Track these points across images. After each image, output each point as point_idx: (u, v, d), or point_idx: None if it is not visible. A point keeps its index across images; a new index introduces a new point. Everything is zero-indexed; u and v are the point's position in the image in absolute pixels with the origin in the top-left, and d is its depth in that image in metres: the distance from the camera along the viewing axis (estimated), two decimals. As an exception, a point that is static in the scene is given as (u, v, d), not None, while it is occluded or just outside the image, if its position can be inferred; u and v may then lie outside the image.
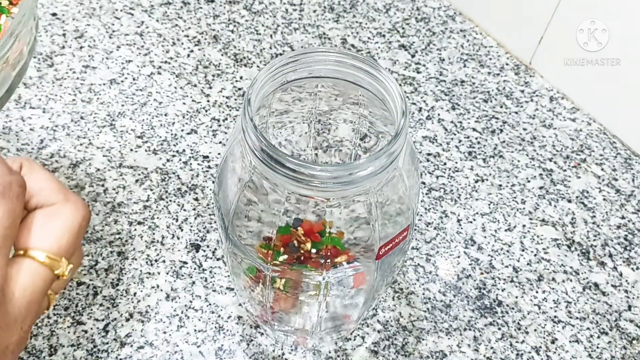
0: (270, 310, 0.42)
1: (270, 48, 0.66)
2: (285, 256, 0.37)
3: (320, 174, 0.30)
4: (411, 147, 0.37)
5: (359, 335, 0.47)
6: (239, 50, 0.65)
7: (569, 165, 0.58)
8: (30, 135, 0.56)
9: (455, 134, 0.60)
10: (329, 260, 0.37)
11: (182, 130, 0.58)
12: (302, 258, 0.37)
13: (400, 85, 0.63)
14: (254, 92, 0.33)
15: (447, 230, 0.53)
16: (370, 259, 0.36)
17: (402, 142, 0.32)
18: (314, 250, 0.37)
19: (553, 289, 0.50)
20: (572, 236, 0.53)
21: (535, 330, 0.48)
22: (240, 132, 0.33)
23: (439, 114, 0.61)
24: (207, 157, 0.56)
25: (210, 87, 0.62)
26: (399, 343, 0.46)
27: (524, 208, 0.55)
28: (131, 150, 0.56)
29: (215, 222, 0.52)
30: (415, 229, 0.53)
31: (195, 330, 0.46)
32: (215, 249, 0.51)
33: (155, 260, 0.50)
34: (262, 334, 0.46)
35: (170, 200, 0.53)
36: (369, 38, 0.68)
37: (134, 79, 0.62)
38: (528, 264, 0.51)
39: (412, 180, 0.36)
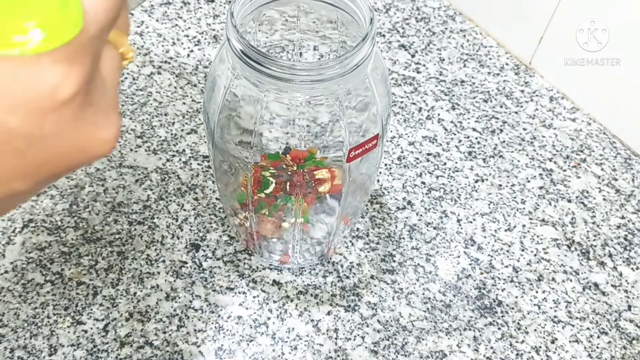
0: (256, 234, 0.47)
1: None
2: (273, 186, 0.42)
3: (293, 69, 0.34)
4: (383, 68, 0.40)
5: (358, 335, 0.47)
6: (239, 50, 0.65)
7: (569, 165, 0.58)
8: (30, 135, 0.56)
9: (455, 134, 0.60)
10: (312, 182, 0.42)
11: (182, 130, 0.58)
12: (287, 188, 0.42)
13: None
14: (237, 6, 0.37)
15: (447, 230, 0.53)
16: (343, 163, 0.40)
17: (368, 47, 0.35)
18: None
19: (553, 289, 0.50)
20: (572, 236, 0.53)
21: (535, 330, 0.48)
22: (225, 45, 0.37)
23: (439, 114, 0.61)
24: (207, 157, 0.56)
25: (210, 87, 0.62)
26: (399, 343, 0.46)
27: (524, 208, 0.55)
28: (131, 150, 0.56)
29: (214, 222, 0.52)
30: (415, 229, 0.53)
31: (195, 330, 0.46)
32: (215, 248, 0.51)
33: (155, 260, 0.50)
34: (251, 253, 0.50)
35: (170, 200, 0.53)
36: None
37: (134, 79, 0.62)
38: (528, 264, 0.51)
39: (383, 97, 0.40)
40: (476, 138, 0.60)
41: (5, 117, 0.18)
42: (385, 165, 0.57)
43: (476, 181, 0.56)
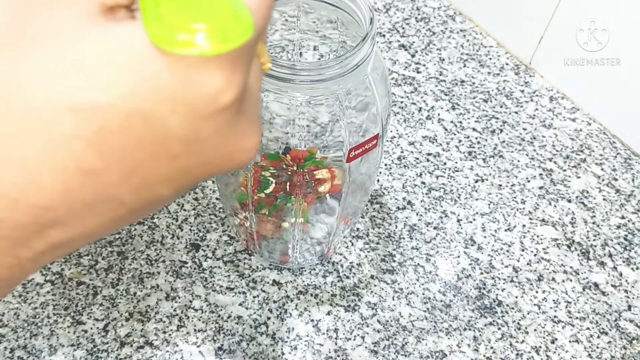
0: (256, 234, 0.47)
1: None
2: (273, 186, 0.42)
3: (293, 69, 0.34)
4: (383, 68, 0.40)
5: (359, 335, 0.47)
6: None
7: (569, 165, 0.58)
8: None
9: (455, 134, 0.60)
10: (312, 182, 0.42)
11: (182, 130, 0.58)
12: (287, 188, 0.42)
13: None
14: None
15: (447, 230, 0.53)
16: (343, 163, 0.40)
17: (368, 47, 0.35)
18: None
19: (553, 289, 0.50)
20: (572, 236, 0.53)
21: (535, 330, 0.48)
22: None
23: (439, 114, 0.61)
24: (207, 157, 0.56)
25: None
26: (399, 343, 0.46)
27: (524, 208, 0.55)
28: (131, 150, 0.56)
29: (214, 222, 0.52)
30: (415, 229, 0.53)
31: (195, 330, 0.46)
32: (215, 248, 0.51)
33: (155, 260, 0.50)
34: (251, 253, 0.50)
35: (170, 200, 0.53)
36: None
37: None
38: (528, 264, 0.51)
39: (383, 97, 0.40)
40: (476, 138, 0.60)
41: (167, 118, 0.18)
42: (385, 165, 0.57)
43: (476, 181, 0.56)
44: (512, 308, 0.49)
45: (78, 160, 0.17)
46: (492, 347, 0.47)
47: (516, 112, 0.62)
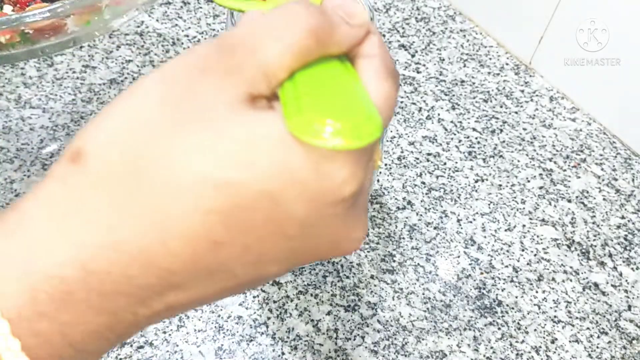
0: None
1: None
2: None
3: None
4: None
5: (359, 335, 0.47)
6: (239, 50, 0.65)
7: (569, 165, 0.58)
8: (30, 135, 0.56)
9: (455, 134, 0.60)
10: None
11: (182, 130, 0.58)
12: None
13: (400, 85, 0.63)
14: None
15: (447, 230, 0.53)
16: None
17: None
18: None
19: (553, 288, 0.50)
20: (572, 236, 0.53)
21: (535, 330, 0.48)
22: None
23: (439, 114, 0.61)
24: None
25: (210, 87, 0.62)
26: (399, 343, 0.46)
27: (523, 208, 0.55)
28: (131, 150, 0.56)
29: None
30: (415, 229, 0.53)
31: (195, 330, 0.46)
32: (215, 248, 0.51)
33: (155, 260, 0.50)
34: None
35: (170, 200, 0.53)
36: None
37: (133, 79, 0.62)
38: (528, 263, 0.51)
39: None
40: (476, 138, 0.60)
41: (292, 202, 0.19)
42: (385, 165, 0.57)
43: (476, 181, 0.56)
44: (512, 308, 0.49)
45: (209, 232, 0.19)
46: (492, 347, 0.47)
47: (516, 112, 0.62)
